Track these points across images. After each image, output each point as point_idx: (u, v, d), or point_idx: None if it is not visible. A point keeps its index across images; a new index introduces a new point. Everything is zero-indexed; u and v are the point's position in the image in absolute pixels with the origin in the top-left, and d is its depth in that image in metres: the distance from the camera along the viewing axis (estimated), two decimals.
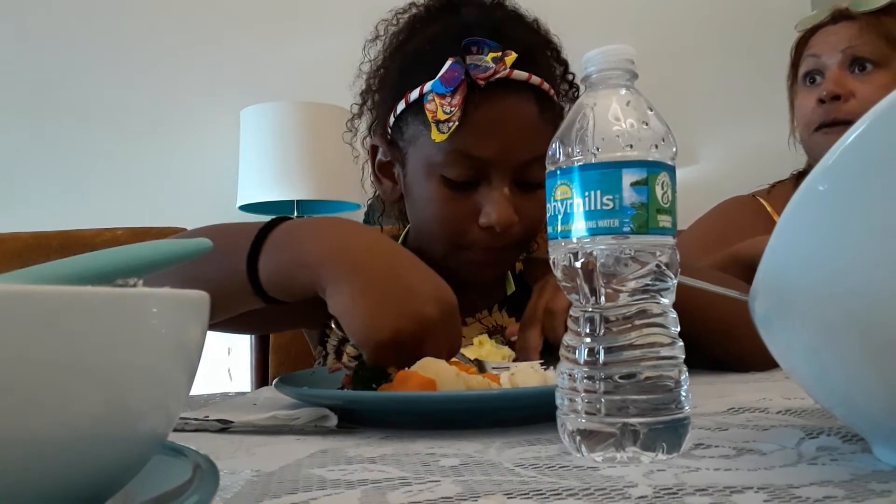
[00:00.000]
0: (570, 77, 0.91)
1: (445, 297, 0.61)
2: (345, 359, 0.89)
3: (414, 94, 0.81)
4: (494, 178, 0.80)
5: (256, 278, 0.65)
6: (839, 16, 1.16)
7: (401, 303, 0.59)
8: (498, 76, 0.77)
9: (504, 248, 0.83)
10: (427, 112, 0.78)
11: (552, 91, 0.83)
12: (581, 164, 0.39)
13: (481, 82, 0.76)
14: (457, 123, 0.76)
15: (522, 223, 0.81)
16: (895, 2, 1.12)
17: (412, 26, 0.88)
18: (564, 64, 0.90)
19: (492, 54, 0.77)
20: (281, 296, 0.67)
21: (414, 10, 0.89)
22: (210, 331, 0.82)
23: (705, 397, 0.60)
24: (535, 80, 0.80)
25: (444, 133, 0.77)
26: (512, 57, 0.77)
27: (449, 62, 0.77)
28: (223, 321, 0.75)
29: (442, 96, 0.77)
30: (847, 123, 1.09)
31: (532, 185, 0.82)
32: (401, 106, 0.84)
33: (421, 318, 0.58)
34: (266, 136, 2.16)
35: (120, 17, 2.35)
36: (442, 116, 0.77)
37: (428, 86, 0.79)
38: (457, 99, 0.76)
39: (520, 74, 0.79)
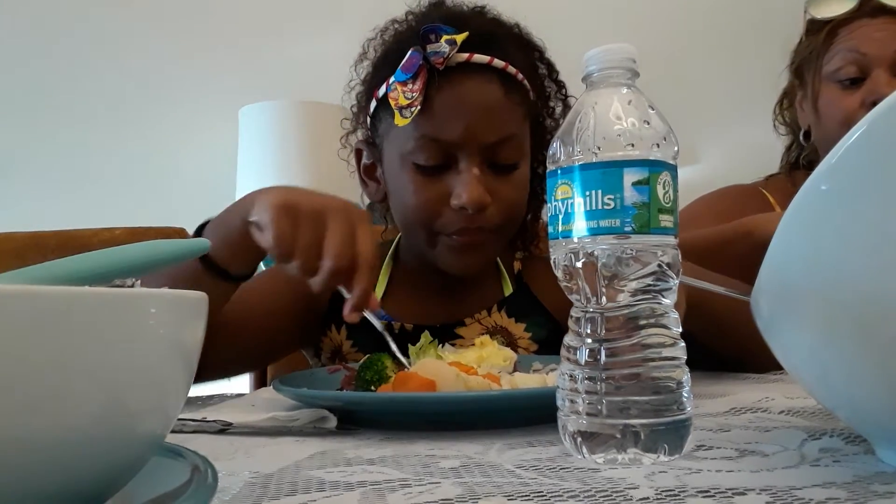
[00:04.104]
0: (556, 75, 0.92)
1: (353, 205, 0.67)
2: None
3: (382, 90, 0.84)
4: (463, 161, 0.81)
5: (206, 257, 0.70)
6: (878, 9, 1.05)
7: (306, 192, 0.65)
8: (455, 58, 0.79)
9: (481, 230, 0.83)
10: (390, 101, 0.80)
11: (520, 76, 0.84)
12: (582, 163, 0.39)
13: (439, 66, 0.79)
14: (419, 108, 0.78)
15: (497, 205, 0.82)
16: None
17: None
18: (548, 64, 0.92)
19: (446, 37, 0.79)
20: (228, 258, 0.71)
21: (395, 26, 0.90)
22: (206, 382, 0.84)
23: (707, 397, 0.60)
24: (499, 63, 0.81)
25: (406, 118, 0.79)
26: (463, 36, 0.79)
27: (409, 52, 0.79)
28: (215, 366, 0.76)
29: (403, 83, 0.80)
30: None
31: (505, 168, 0.83)
32: (373, 105, 0.87)
33: (323, 200, 0.63)
34: (265, 135, 2.16)
35: (118, 16, 2.35)
36: (403, 102, 0.79)
37: (392, 78, 0.81)
38: (417, 84, 0.79)
39: (480, 58, 0.80)
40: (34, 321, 0.22)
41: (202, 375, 0.73)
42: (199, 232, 0.73)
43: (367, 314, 0.65)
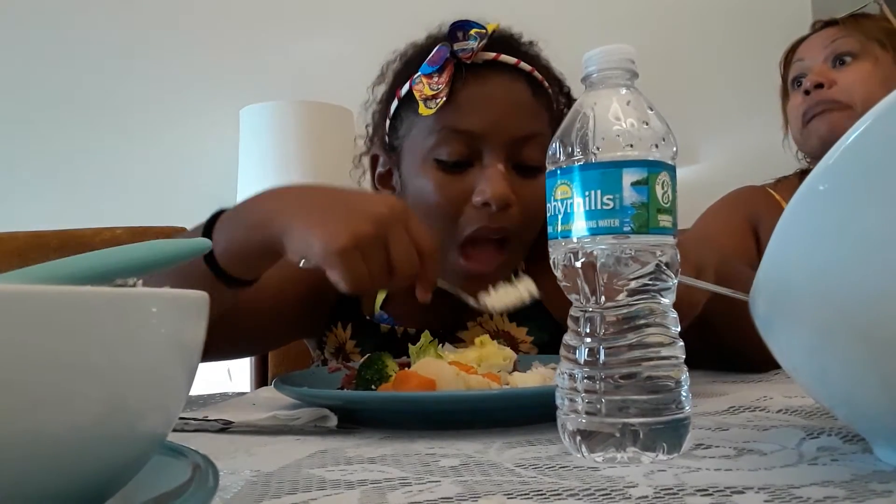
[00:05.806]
0: (567, 89, 0.91)
1: (391, 200, 0.63)
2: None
3: (405, 88, 0.83)
4: (487, 156, 0.79)
5: (213, 262, 0.66)
6: (821, 25, 1.27)
7: (349, 211, 0.60)
8: (483, 56, 0.79)
9: (502, 231, 0.80)
10: (415, 93, 0.79)
11: (545, 82, 0.84)
12: (581, 163, 0.39)
13: (467, 61, 0.78)
14: (444, 99, 0.78)
15: (521, 207, 0.79)
16: (864, 11, 1.25)
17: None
18: (567, 94, 0.90)
19: (475, 30, 0.79)
20: (240, 269, 0.67)
21: (414, 49, 0.89)
22: (210, 361, 0.81)
23: (705, 396, 0.60)
24: (525, 66, 0.82)
25: (430, 109, 0.78)
26: (494, 25, 0.79)
27: (437, 47, 0.79)
28: (219, 346, 0.74)
29: (429, 76, 0.79)
30: (832, 105, 1.17)
31: (531, 169, 0.80)
32: (394, 105, 0.86)
33: (373, 216, 0.59)
34: (266, 136, 2.16)
35: (119, 16, 2.35)
36: (429, 93, 0.78)
37: (417, 73, 0.81)
38: (444, 77, 0.78)
39: (507, 58, 0.81)
40: (36, 321, 0.22)
41: (206, 355, 0.71)
42: (211, 224, 0.69)
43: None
